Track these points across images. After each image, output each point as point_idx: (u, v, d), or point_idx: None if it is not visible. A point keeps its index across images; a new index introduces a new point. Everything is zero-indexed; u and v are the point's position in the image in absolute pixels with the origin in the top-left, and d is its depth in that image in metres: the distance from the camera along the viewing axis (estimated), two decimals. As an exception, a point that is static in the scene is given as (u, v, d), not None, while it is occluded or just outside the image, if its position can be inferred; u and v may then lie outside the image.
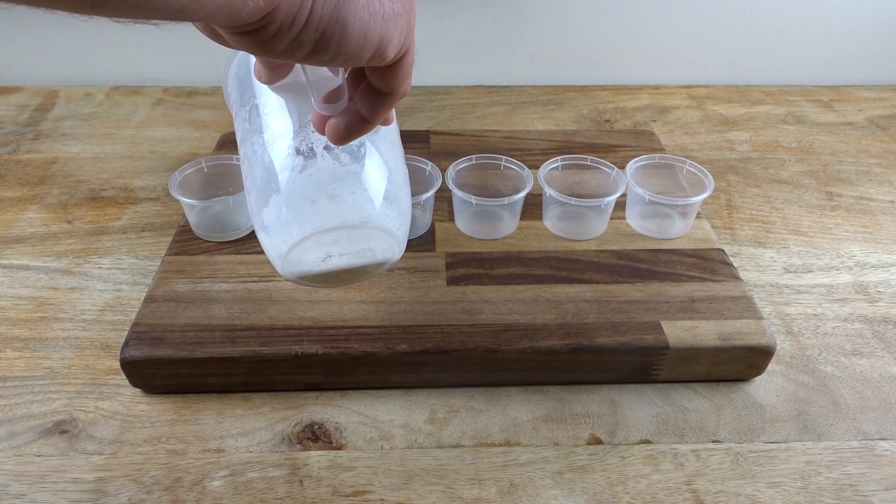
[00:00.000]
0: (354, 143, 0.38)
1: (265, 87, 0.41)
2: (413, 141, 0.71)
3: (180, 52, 0.89)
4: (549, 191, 0.55)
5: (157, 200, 0.67)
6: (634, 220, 0.58)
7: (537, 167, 0.58)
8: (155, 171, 0.72)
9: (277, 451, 0.44)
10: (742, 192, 0.70)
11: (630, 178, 0.57)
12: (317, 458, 0.44)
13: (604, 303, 0.50)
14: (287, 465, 0.43)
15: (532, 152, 0.68)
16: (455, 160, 0.59)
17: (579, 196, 0.54)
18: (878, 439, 0.45)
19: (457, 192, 0.55)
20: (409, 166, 0.59)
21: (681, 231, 0.57)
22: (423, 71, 0.91)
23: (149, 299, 0.50)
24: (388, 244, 0.40)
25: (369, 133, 0.37)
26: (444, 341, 0.47)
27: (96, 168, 0.72)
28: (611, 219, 0.58)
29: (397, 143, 0.43)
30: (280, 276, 0.40)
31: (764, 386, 0.49)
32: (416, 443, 0.45)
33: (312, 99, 0.34)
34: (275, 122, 0.39)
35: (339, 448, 0.45)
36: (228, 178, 0.59)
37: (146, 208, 0.66)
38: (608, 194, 0.55)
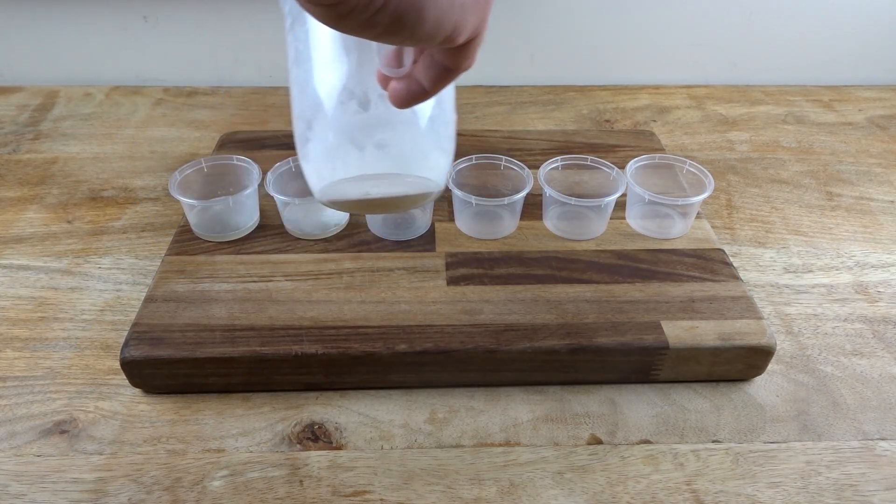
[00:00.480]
0: (424, 107, 0.38)
1: None
2: (413, 141, 0.70)
3: (180, 52, 0.89)
4: (549, 191, 0.55)
5: (157, 200, 0.67)
6: (634, 220, 0.58)
7: (537, 167, 0.58)
8: (155, 171, 0.72)
9: (277, 451, 0.44)
10: (742, 192, 0.70)
11: (630, 178, 0.57)
12: (317, 458, 0.44)
13: (604, 303, 0.50)
14: (287, 465, 0.43)
15: (532, 152, 0.68)
16: (455, 160, 0.59)
17: (579, 196, 0.54)
18: (878, 439, 0.45)
19: (457, 192, 0.55)
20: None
21: (681, 231, 0.57)
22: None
23: (149, 299, 0.50)
24: (429, 189, 0.39)
25: None
26: (444, 341, 0.47)
27: (96, 168, 0.72)
28: (611, 219, 0.58)
29: (451, 89, 0.41)
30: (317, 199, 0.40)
31: (764, 386, 0.49)
32: (416, 443, 0.45)
33: (377, 58, 0.33)
34: (333, 55, 0.37)
35: (339, 448, 0.45)
36: (228, 178, 0.59)
37: (146, 208, 0.66)
38: (608, 194, 0.55)
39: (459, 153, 0.61)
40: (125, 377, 0.47)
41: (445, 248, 0.55)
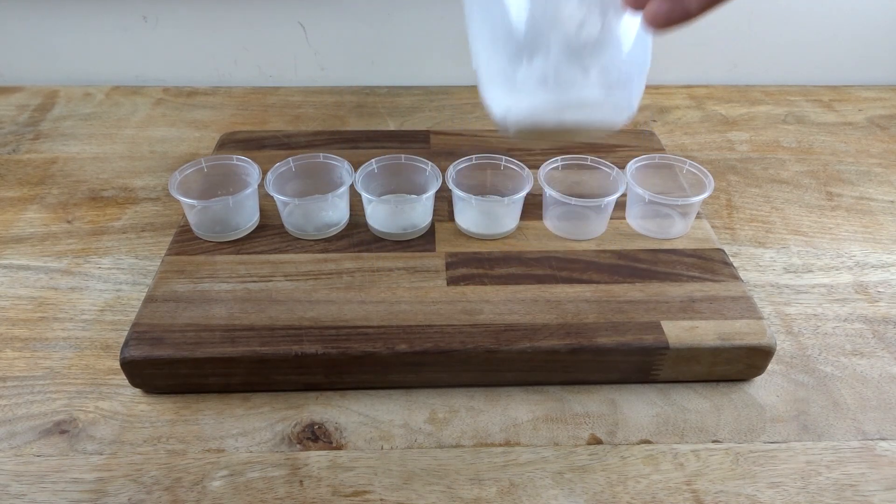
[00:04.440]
0: (635, 28, 0.37)
1: None
2: (413, 141, 0.71)
3: (180, 52, 0.89)
4: (549, 191, 0.55)
5: (157, 200, 0.67)
6: (634, 220, 0.58)
7: (537, 167, 0.58)
8: (155, 171, 0.72)
9: (277, 451, 0.44)
10: (742, 192, 0.70)
11: (630, 178, 0.57)
12: (317, 458, 0.44)
13: (604, 303, 0.50)
14: (287, 465, 0.43)
15: (532, 152, 0.68)
16: (455, 160, 0.59)
17: (579, 196, 0.54)
18: (878, 439, 0.45)
19: (457, 192, 0.55)
20: (408, 166, 0.59)
21: (681, 231, 0.57)
22: (424, 71, 0.91)
23: (149, 299, 0.50)
24: (620, 119, 0.39)
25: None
26: (444, 341, 0.47)
27: (96, 168, 0.72)
28: (611, 219, 0.58)
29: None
30: (499, 126, 0.38)
31: (764, 386, 0.49)
32: (416, 443, 0.45)
33: None
34: None
35: (339, 448, 0.45)
36: (228, 178, 0.59)
37: (146, 208, 0.66)
38: (608, 194, 0.55)
39: (459, 153, 0.62)
40: (125, 377, 0.47)
41: (445, 248, 0.55)
